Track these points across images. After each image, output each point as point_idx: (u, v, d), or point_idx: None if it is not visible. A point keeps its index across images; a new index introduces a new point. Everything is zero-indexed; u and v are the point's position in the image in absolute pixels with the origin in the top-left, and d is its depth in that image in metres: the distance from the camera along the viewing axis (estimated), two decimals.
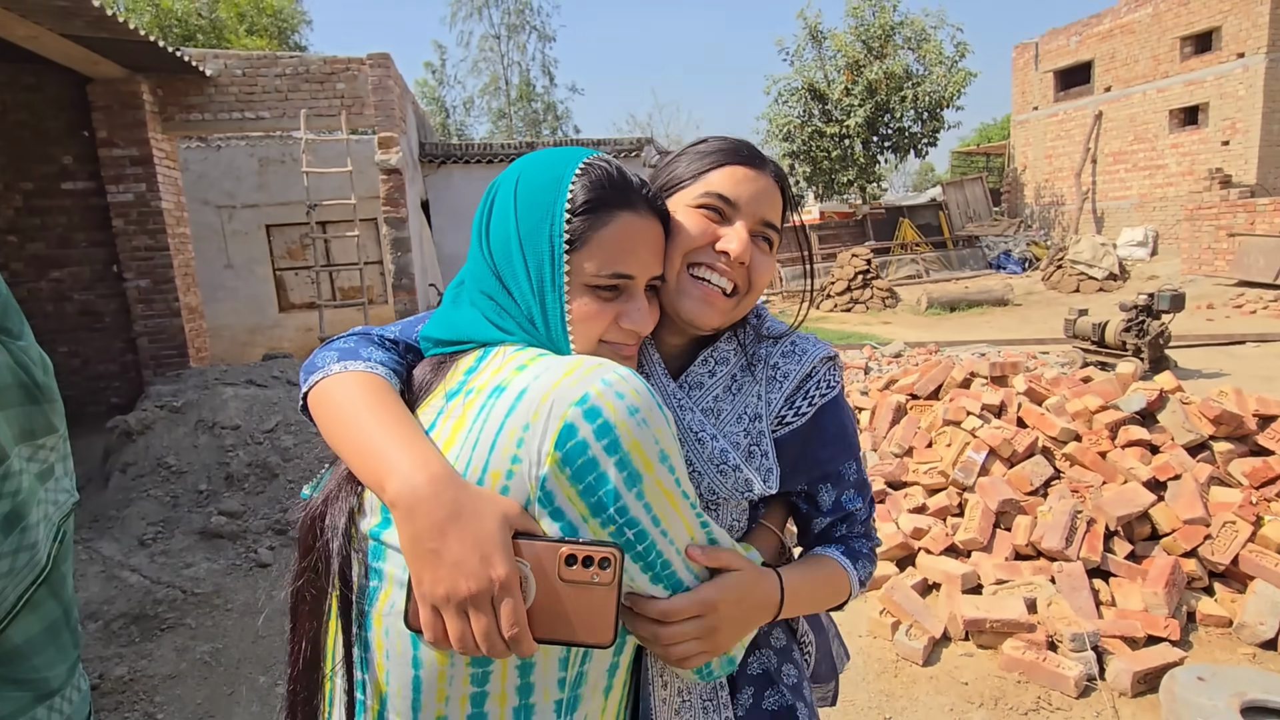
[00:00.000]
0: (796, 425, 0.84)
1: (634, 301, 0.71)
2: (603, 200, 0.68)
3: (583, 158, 0.70)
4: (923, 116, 15.42)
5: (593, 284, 0.68)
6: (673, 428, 0.63)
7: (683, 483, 0.64)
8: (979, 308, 11.76)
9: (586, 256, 0.68)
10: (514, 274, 0.69)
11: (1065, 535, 2.66)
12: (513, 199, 0.69)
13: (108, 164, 6.29)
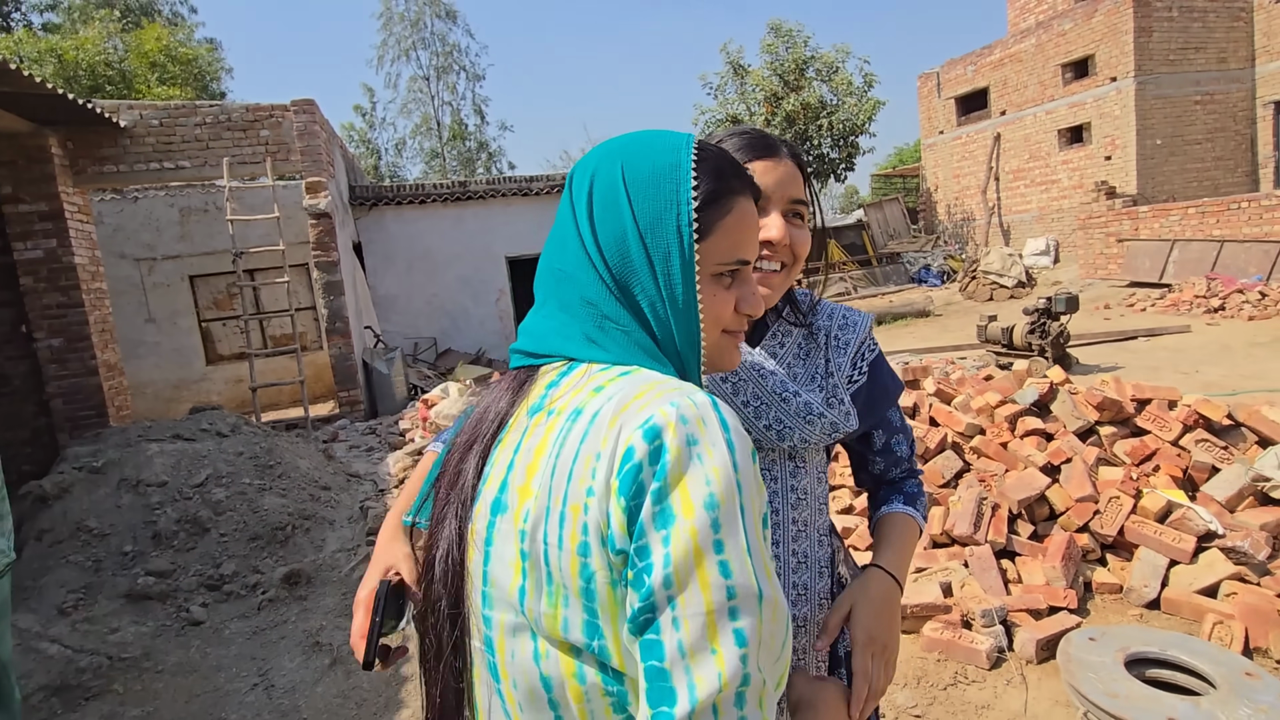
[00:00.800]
0: (861, 382, 1.01)
1: (748, 286, 0.69)
2: (729, 187, 0.66)
3: (687, 141, 0.66)
4: (839, 143, 16.29)
5: (717, 272, 0.66)
6: (749, 484, 0.53)
7: (726, 546, 0.51)
8: (903, 320, 12.38)
9: (713, 244, 0.65)
10: (633, 271, 0.63)
11: (973, 521, 2.88)
12: (623, 191, 0.64)
13: (14, 220, 6.04)
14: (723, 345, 0.69)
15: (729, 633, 0.49)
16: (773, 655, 0.51)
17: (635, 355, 0.62)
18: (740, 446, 0.54)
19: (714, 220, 0.65)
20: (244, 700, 2.63)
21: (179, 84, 15.75)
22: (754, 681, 0.49)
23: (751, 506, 0.52)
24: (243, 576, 3.48)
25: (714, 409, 0.55)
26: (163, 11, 20.42)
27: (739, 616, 0.49)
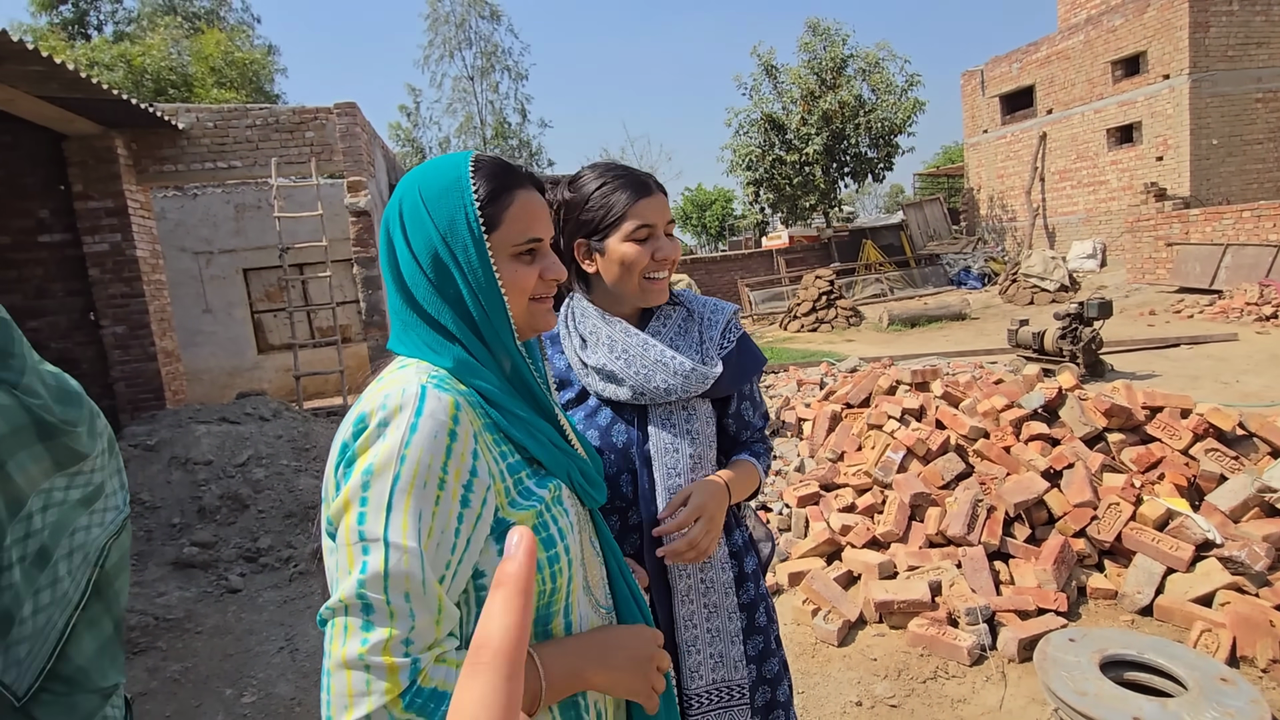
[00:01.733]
0: (729, 348, 1.21)
1: (548, 257, 0.84)
2: (503, 185, 0.80)
3: (469, 157, 0.82)
4: (877, 143, 16.08)
5: (515, 253, 0.80)
6: (414, 460, 0.68)
7: (403, 499, 0.67)
8: (938, 323, 12.19)
9: (504, 232, 0.80)
10: (444, 268, 0.78)
11: (966, 522, 2.93)
12: (423, 208, 0.79)
13: (83, 216, 6.51)
14: (533, 310, 0.84)
15: (359, 563, 0.66)
16: (402, 590, 0.65)
17: (421, 351, 0.79)
18: (424, 430, 0.69)
19: (499, 212, 0.80)
20: (271, 661, 2.87)
21: (235, 87, 16.50)
22: (374, 602, 0.64)
23: (410, 477, 0.68)
24: (277, 550, 3.75)
25: (419, 399, 0.70)
26: (225, 18, 21.40)
27: (367, 553, 0.66)
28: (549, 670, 0.73)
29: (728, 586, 1.13)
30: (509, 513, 0.76)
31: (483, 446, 0.75)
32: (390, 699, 0.63)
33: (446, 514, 0.69)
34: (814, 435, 4.28)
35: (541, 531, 0.77)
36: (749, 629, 1.18)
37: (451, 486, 0.70)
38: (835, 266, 16.15)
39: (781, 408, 4.87)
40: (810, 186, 16.94)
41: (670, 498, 1.10)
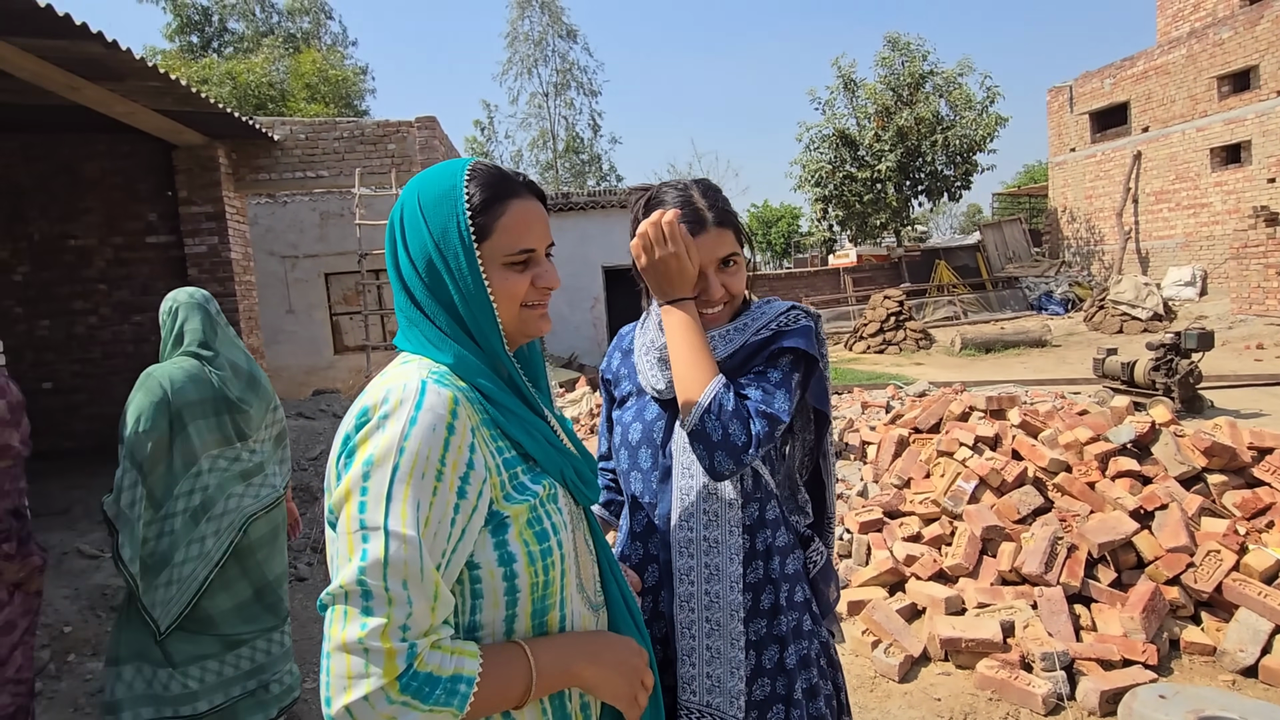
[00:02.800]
0: (756, 338, 1.14)
1: (541, 266, 0.85)
2: (496, 194, 0.82)
3: (466, 165, 0.83)
4: (955, 160, 15.54)
5: (507, 262, 0.82)
6: (413, 452, 0.70)
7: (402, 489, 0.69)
8: (1015, 349, 11.61)
9: (496, 242, 0.81)
10: (437, 273, 0.81)
11: (1044, 560, 2.75)
12: (420, 215, 0.81)
13: (186, 220, 7.02)
14: (524, 317, 0.85)
15: (359, 550, 0.68)
16: (400, 577, 0.67)
17: (423, 347, 0.82)
18: (423, 423, 0.71)
19: (491, 222, 0.82)
20: None
21: (326, 102, 17.52)
22: (373, 589, 0.67)
23: (409, 468, 0.70)
24: None
25: (419, 394, 0.73)
26: (322, 39, 22.81)
27: (367, 541, 0.68)
28: (540, 662, 0.76)
29: (735, 609, 1.06)
30: (503, 505, 0.78)
31: (480, 441, 0.77)
32: (387, 681, 0.65)
33: (443, 504, 0.71)
34: (879, 459, 4.12)
35: (535, 525, 0.79)
36: (766, 669, 1.10)
37: (448, 478, 0.72)
38: (905, 287, 15.64)
39: (845, 430, 4.72)
40: (882, 204, 16.52)
41: (680, 495, 1.10)
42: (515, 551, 0.76)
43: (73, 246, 7.08)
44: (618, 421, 1.22)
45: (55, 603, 3.47)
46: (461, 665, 0.70)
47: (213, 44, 20.41)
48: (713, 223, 1.11)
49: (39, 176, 6.95)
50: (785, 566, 1.13)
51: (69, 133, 6.81)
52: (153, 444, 1.96)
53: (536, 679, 0.75)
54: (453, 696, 0.68)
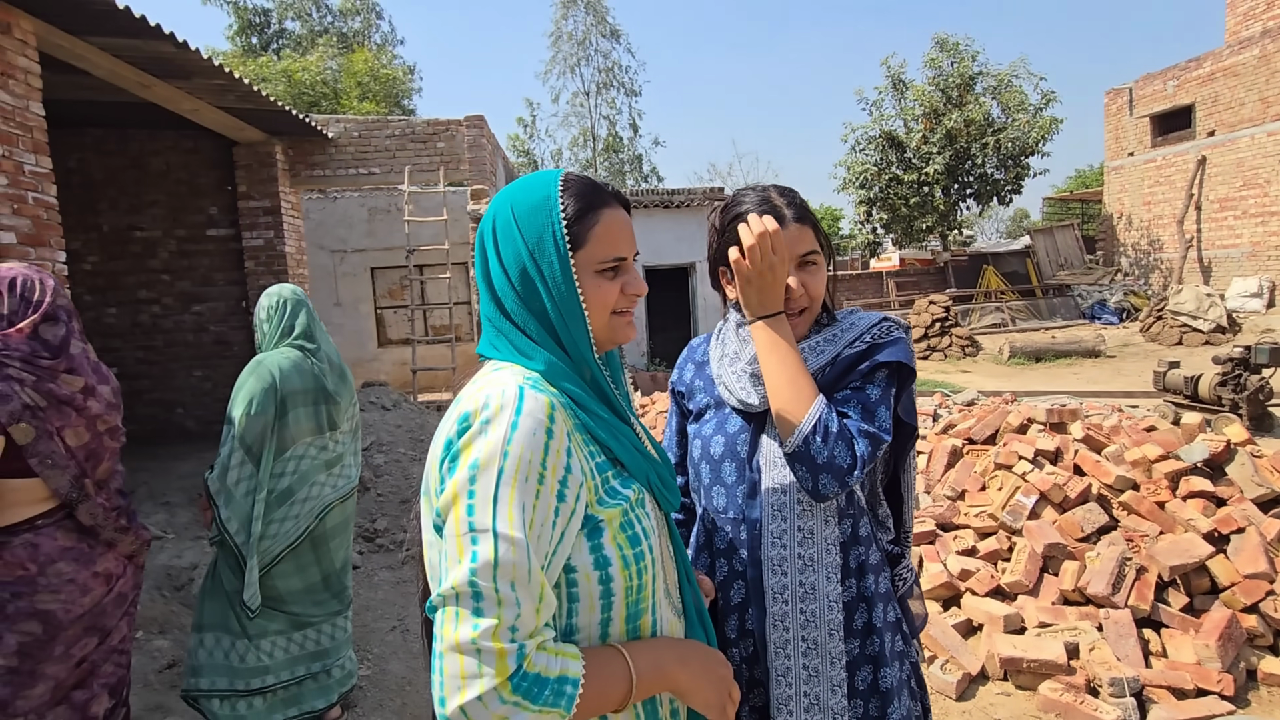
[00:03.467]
0: (860, 349, 1.12)
1: (631, 274, 0.87)
2: (590, 204, 0.83)
3: (559, 176, 0.85)
4: (1006, 164, 15.10)
5: (599, 269, 0.84)
6: (515, 456, 0.70)
7: (508, 492, 0.70)
8: (1067, 359, 11.23)
9: (590, 250, 0.83)
10: (530, 281, 0.82)
11: (1111, 581, 2.64)
12: (514, 224, 0.83)
13: (244, 214, 7.25)
14: (614, 324, 0.87)
15: (469, 552, 0.69)
16: (509, 578, 0.68)
17: (513, 355, 0.83)
18: (524, 428, 0.72)
19: (585, 231, 0.83)
20: (385, 639, 3.03)
21: (377, 100, 17.91)
22: (484, 590, 0.67)
23: (513, 471, 0.70)
24: (392, 533, 3.96)
25: (518, 400, 0.74)
26: (373, 38, 23.34)
27: (476, 543, 0.69)
28: (638, 664, 0.76)
29: (834, 628, 1.04)
30: (598, 509, 0.78)
31: (575, 445, 0.78)
32: (500, 681, 0.66)
33: (545, 507, 0.72)
34: (929, 470, 4.03)
35: (628, 529, 0.79)
36: (859, 690, 1.08)
37: (549, 481, 0.73)
38: (951, 292, 15.27)
39: None
40: (928, 207, 16.15)
41: (772, 511, 1.07)
42: (610, 555, 0.77)
43: (139, 238, 7.37)
44: (695, 435, 1.20)
45: None
46: (567, 667, 0.70)
47: (271, 45, 21.07)
48: (792, 219, 1.10)
49: (110, 170, 7.25)
50: (878, 585, 1.10)
51: (138, 128, 7.09)
52: (261, 427, 2.05)
53: (636, 681, 0.76)
54: (560, 698, 0.68)
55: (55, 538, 1.48)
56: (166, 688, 2.69)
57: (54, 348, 1.52)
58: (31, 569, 1.45)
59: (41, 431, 1.45)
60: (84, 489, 1.52)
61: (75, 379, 1.54)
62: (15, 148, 3.78)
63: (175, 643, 3.02)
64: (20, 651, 1.44)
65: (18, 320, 1.50)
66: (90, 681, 1.56)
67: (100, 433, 1.58)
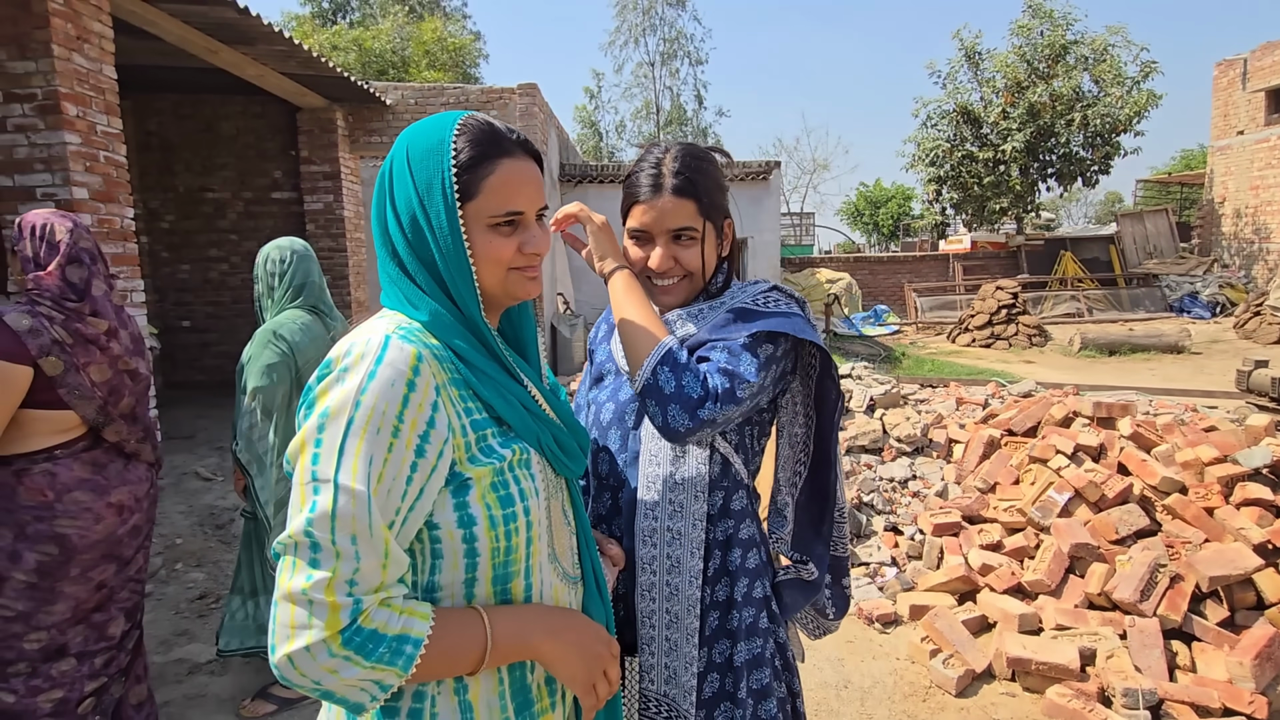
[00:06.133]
0: (723, 317, 1.09)
1: (529, 231, 0.82)
2: (483, 153, 0.78)
3: (457, 119, 0.80)
4: (1094, 141, 14.01)
5: (492, 223, 0.79)
6: (368, 406, 0.68)
7: (355, 443, 0.68)
8: (1144, 353, 10.48)
9: (481, 202, 0.78)
10: (419, 228, 0.78)
11: (1140, 588, 2.47)
12: (407, 168, 0.78)
13: (306, 178, 7.53)
14: (510, 279, 0.83)
15: (309, 502, 0.68)
16: (348, 531, 0.66)
17: (401, 304, 0.80)
18: (381, 378, 0.70)
19: (477, 181, 0.78)
20: None
21: (444, 69, 18.17)
22: (321, 541, 0.66)
23: (364, 422, 0.68)
24: None
25: (381, 349, 0.72)
26: (444, 7, 23.62)
27: (317, 493, 0.68)
28: (497, 630, 0.74)
29: (692, 604, 1.03)
30: (466, 467, 0.75)
31: (445, 400, 0.75)
32: (329, 634, 0.65)
33: (399, 461, 0.70)
34: (964, 460, 3.86)
35: (500, 490, 0.76)
36: (716, 663, 1.07)
37: (406, 435, 0.70)
38: (1022, 278, 14.43)
39: (932, 425, 4.44)
40: (1004, 187, 15.21)
41: (648, 484, 1.05)
42: (476, 514, 0.75)
43: (210, 199, 7.78)
44: (592, 401, 1.19)
45: (171, 516, 3.89)
46: (410, 625, 0.69)
47: (340, 12, 21.62)
48: (670, 191, 1.05)
49: (185, 133, 7.65)
50: (745, 560, 1.08)
51: (210, 94, 7.43)
52: (280, 395, 2.13)
53: (492, 648, 0.73)
54: (397, 656, 0.67)
55: (72, 469, 1.60)
56: (194, 616, 2.90)
57: (79, 290, 1.63)
58: (50, 495, 1.57)
59: (69, 365, 1.56)
60: (109, 414, 1.65)
61: (100, 321, 1.66)
62: (89, 109, 4.02)
63: (208, 575, 3.24)
64: (39, 570, 1.58)
65: (44, 263, 1.61)
66: (109, 605, 1.70)
67: (121, 371, 1.70)
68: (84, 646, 1.65)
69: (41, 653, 1.60)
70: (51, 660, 1.60)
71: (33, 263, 1.63)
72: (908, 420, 4.33)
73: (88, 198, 4.02)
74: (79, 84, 3.92)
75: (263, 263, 2.25)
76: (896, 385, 5.20)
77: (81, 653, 1.64)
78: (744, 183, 10.77)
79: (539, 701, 0.81)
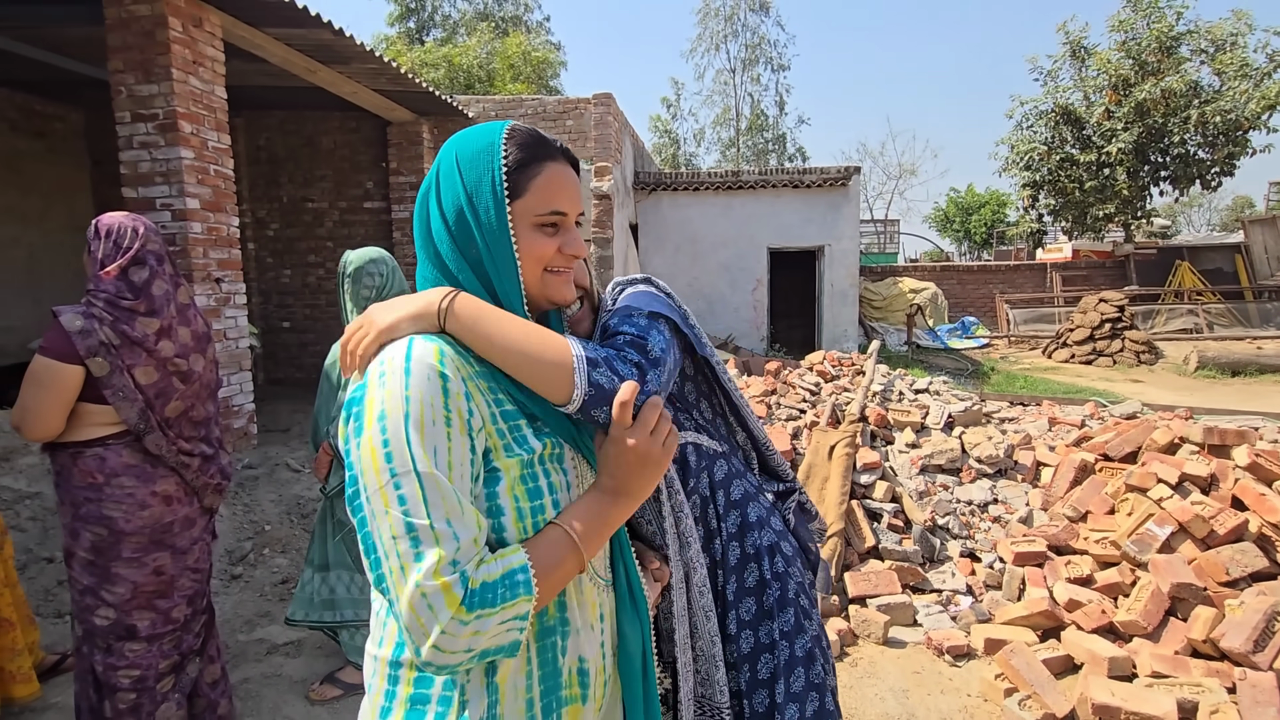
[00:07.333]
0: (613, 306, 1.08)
1: (570, 234, 0.86)
2: (533, 155, 0.82)
3: (505, 126, 0.84)
4: (1215, 141, 12.77)
5: (537, 223, 0.82)
6: (416, 404, 0.70)
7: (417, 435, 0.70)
8: (1274, 374, 9.45)
9: (528, 201, 0.82)
10: (466, 226, 0.82)
11: (1255, 637, 2.21)
12: (456, 170, 0.82)
13: (394, 189, 7.94)
14: (546, 281, 0.85)
15: (396, 497, 0.69)
16: (443, 514, 0.69)
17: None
18: (417, 374, 0.72)
19: (525, 180, 0.82)
20: None
21: (527, 81, 18.78)
22: (419, 527, 0.68)
23: (418, 416, 0.71)
24: None
25: (408, 349, 0.74)
26: (526, 22, 24.46)
27: (400, 487, 0.69)
28: (575, 525, 0.78)
29: (708, 611, 1.07)
30: (500, 456, 0.77)
31: (474, 390, 0.77)
32: (454, 611, 0.67)
33: (460, 447, 0.73)
34: (1053, 485, 3.58)
35: (529, 483, 0.78)
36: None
37: (456, 423, 0.73)
38: (1130, 290, 13.33)
39: (1018, 445, 4.15)
40: (1109, 192, 14.10)
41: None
42: (504, 505, 0.77)
43: (310, 208, 8.33)
44: None
45: (263, 504, 4.17)
46: (509, 562, 0.72)
47: (426, 29, 22.79)
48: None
49: (290, 148, 8.24)
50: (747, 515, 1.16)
51: (311, 110, 7.97)
52: None
53: (579, 535, 0.77)
54: (515, 587, 0.71)
55: (121, 455, 1.70)
56: (276, 599, 3.08)
57: (136, 289, 1.70)
58: (99, 478, 1.68)
59: (115, 367, 1.65)
60: (149, 421, 1.71)
61: (152, 321, 1.72)
62: (202, 126, 4.40)
63: (291, 561, 3.44)
64: (94, 548, 1.70)
65: (108, 264, 1.71)
66: (171, 591, 1.81)
67: (170, 373, 1.76)
68: (152, 630, 1.76)
69: (112, 631, 1.72)
70: (124, 640, 1.73)
71: (99, 263, 1.71)
72: (990, 440, 4.07)
73: (199, 208, 4.39)
74: (194, 104, 4.30)
75: (367, 276, 2.35)
76: (979, 402, 4.91)
77: (151, 635, 1.76)
78: (821, 189, 10.51)
79: (568, 688, 0.81)
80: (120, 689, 1.72)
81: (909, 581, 3.14)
